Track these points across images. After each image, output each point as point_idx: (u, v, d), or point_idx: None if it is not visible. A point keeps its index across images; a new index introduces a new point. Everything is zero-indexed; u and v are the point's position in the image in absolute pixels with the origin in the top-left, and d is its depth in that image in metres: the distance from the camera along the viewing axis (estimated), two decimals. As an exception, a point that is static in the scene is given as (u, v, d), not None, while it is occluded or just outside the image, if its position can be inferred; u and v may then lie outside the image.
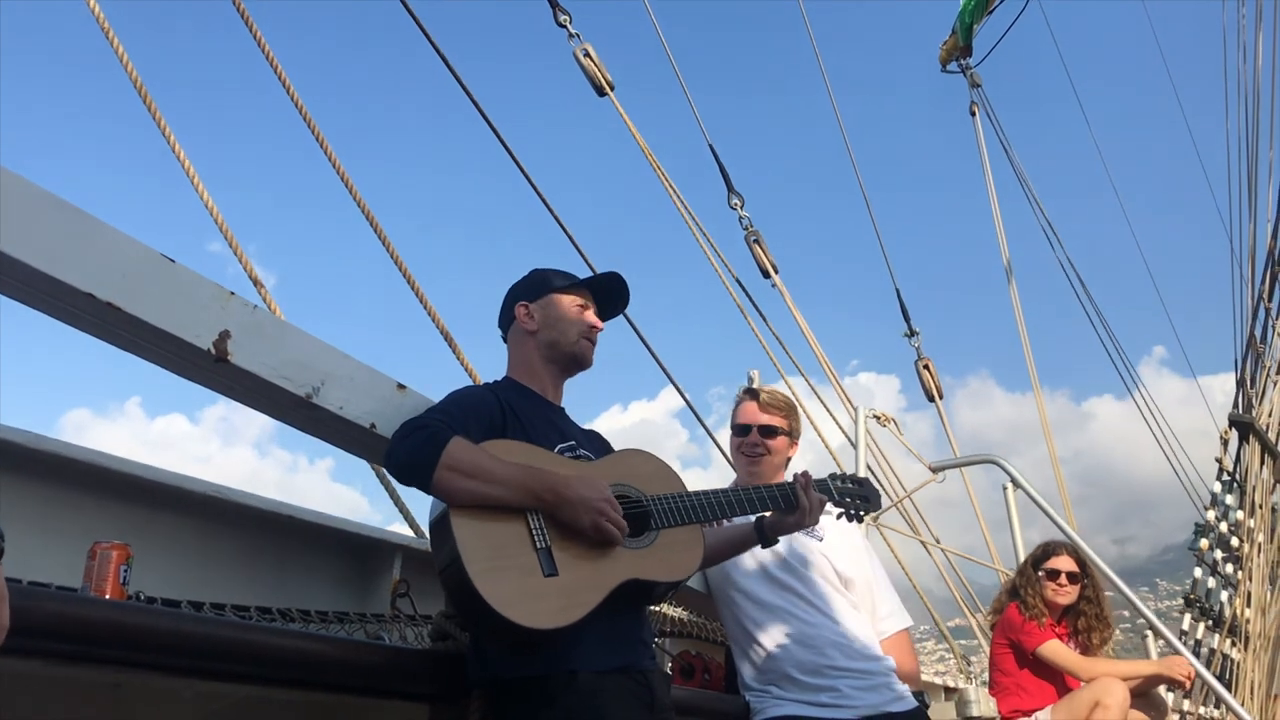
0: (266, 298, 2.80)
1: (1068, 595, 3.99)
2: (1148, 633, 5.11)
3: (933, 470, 4.98)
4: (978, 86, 8.28)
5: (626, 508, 1.92)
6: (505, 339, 2.28)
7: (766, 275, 5.77)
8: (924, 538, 5.52)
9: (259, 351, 1.84)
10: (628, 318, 4.01)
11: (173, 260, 1.71)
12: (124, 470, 2.13)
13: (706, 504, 2.09)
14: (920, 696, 2.82)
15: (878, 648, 2.80)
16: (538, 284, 2.24)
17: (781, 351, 5.52)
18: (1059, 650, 3.89)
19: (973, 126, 8.17)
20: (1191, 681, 4.00)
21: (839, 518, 2.47)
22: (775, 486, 2.30)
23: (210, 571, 2.32)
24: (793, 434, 2.91)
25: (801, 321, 5.75)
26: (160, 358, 1.79)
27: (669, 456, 2.15)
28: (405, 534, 2.79)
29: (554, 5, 4.69)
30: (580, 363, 2.23)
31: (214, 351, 1.75)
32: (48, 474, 2.03)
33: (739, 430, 2.92)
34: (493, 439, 1.94)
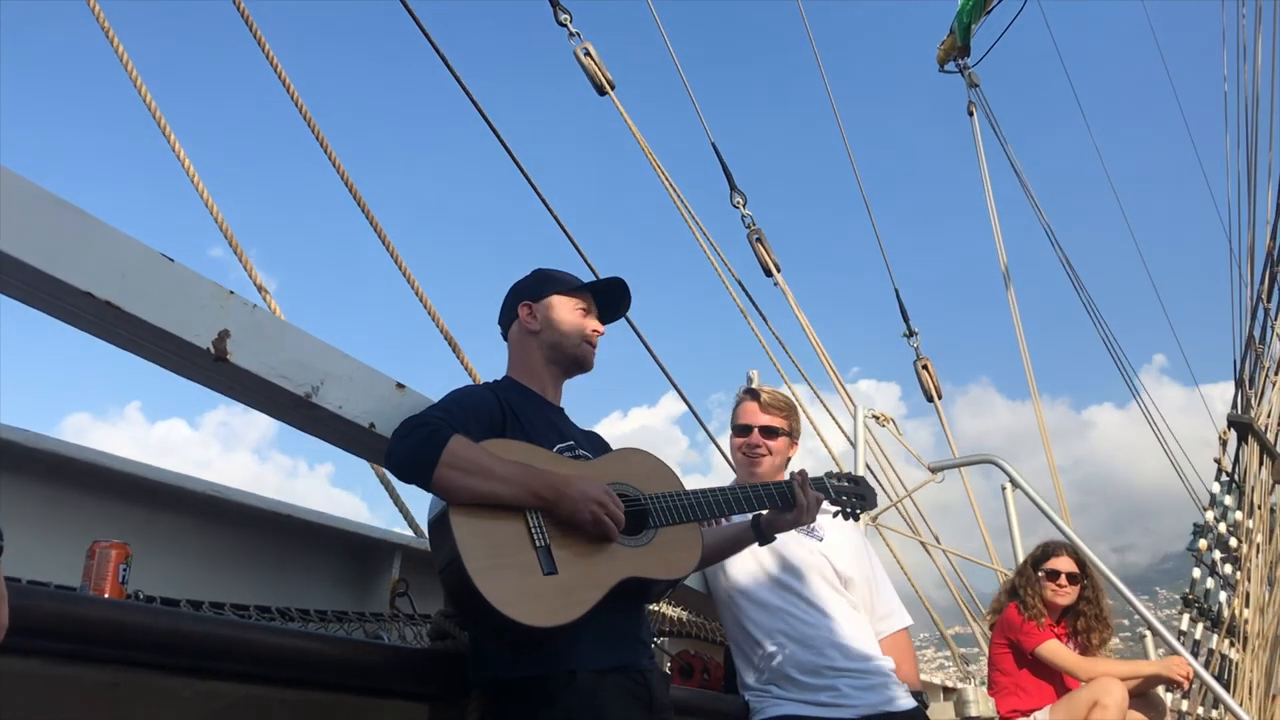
0: (270, 303, 2.79)
1: (1067, 596, 4.00)
2: (1146, 633, 5.11)
3: (931, 470, 4.99)
4: (976, 86, 8.26)
5: (625, 505, 1.92)
6: (505, 337, 2.28)
7: (769, 274, 5.76)
8: (924, 538, 5.52)
9: (258, 351, 1.83)
10: (631, 323, 4.01)
11: (172, 259, 1.71)
12: (123, 469, 2.14)
13: (704, 502, 2.09)
14: (919, 696, 2.82)
15: (877, 648, 2.81)
16: (542, 285, 2.25)
17: (783, 354, 5.50)
18: (1058, 650, 3.89)
19: (970, 127, 8.16)
20: (1190, 682, 4.01)
21: (835, 516, 2.48)
22: (772, 485, 2.31)
23: (209, 571, 2.32)
24: (793, 434, 2.91)
25: (804, 321, 5.72)
26: (159, 357, 1.79)
27: (669, 463, 2.16)
28: (404, 533, 2.79)
29: (554, 4, 4.69)
30: (581, 365, 2.23)
31: (213, 351, 1.75)
32: (47, 473, 2.03)
33: (739, 430, 2.92)
34: (492, 438, 1.94)
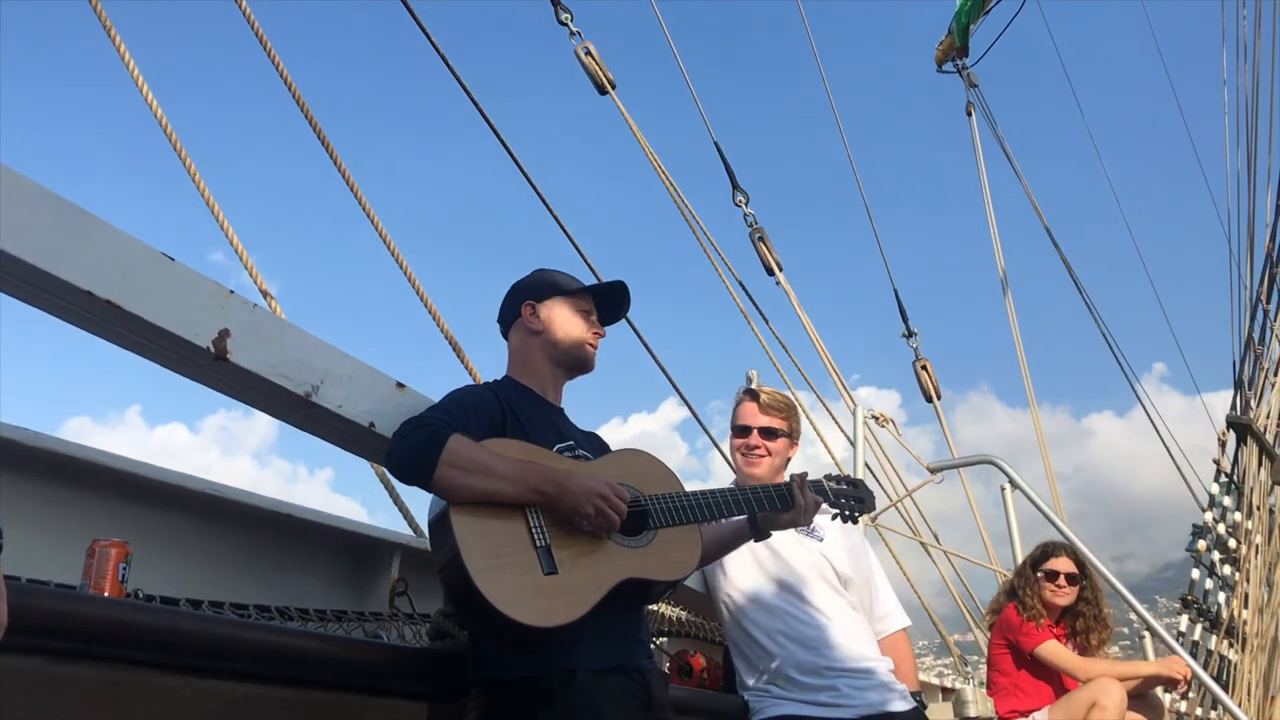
0: (274, 307, 2.78)
1: (1066, 596, 4.00)
2: (1145, 634, 5.11)
3: (931, 471, 4.99)
4: (974, 87, 8.25)
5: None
6: (505, 336, 2.28)
7: (770, 273, 5.75)
8: (923, 538, 5.52)
9: (258, 350, 1.83)
10: (633, 326, 4.01)
11: (172, 258, 1.71)
12: (123, 468, 2.14)
13: (704, 504, 2.10)
14: (918, 697, 2.83)
15: (876, 648, 2.81)
16: (546, 285, 2.25)
17: (785, 357, 5.48)
18: (1057, 651, 3.90)
19: (969, 127, 8.15)
20: (1188, 682, 4.01)
21: (834, 518, 2.48)
22: (771, 487, 2.31)
23: (209, 570, 2.32)
24: (792, 435, 2.91)
25: (805, 321, 5.71)
26: (159, 356, 1.79)
27: (668, 465, 2.15)
28: (404, 533, 2.79)
29: (555, 4, 4.68)
30: (582, 367, 2.24)
31: (213, 350, 1.75)
32: (47, 472, 2.03)
33: (738, 431, 2.92)
34: (492, 438, 1.94)
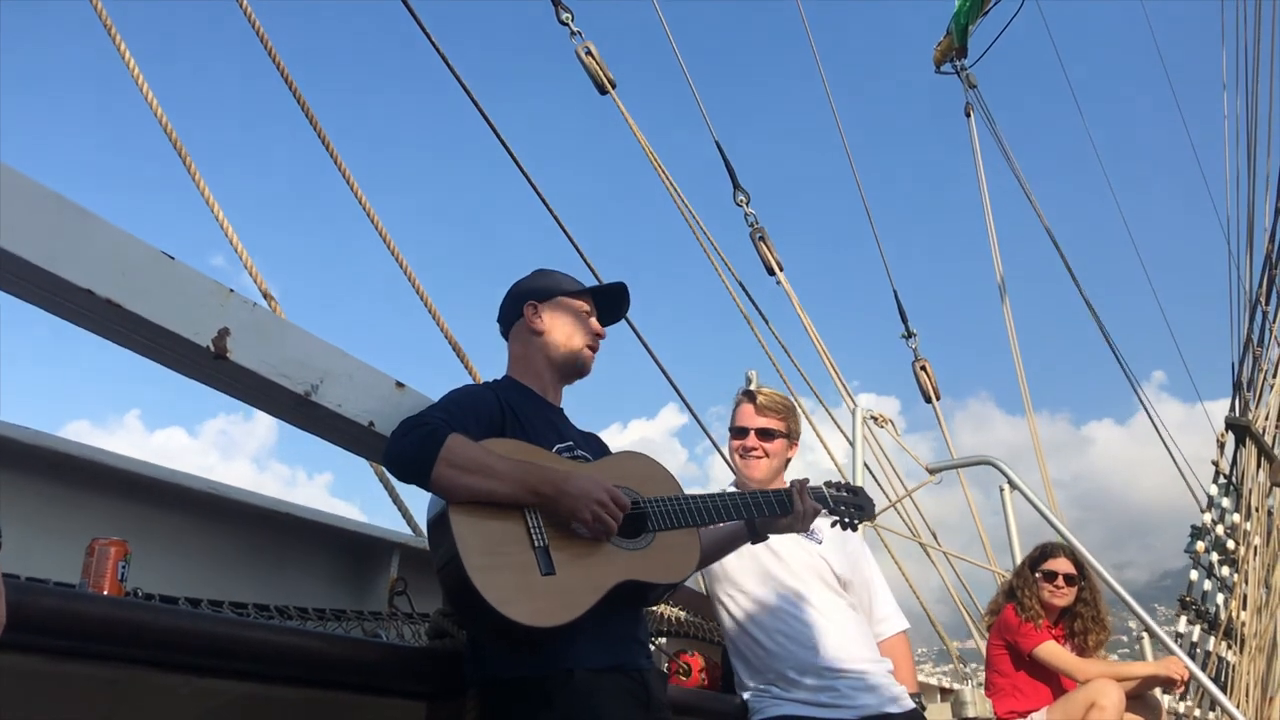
0: (277, 309, 2.77)
1: (1064, 597, 4.00)
2: (1144, 636, 5.11)
3: (930, 471, 4.99)
4: (974, 88, 8.24)
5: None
6: (506, 335, 2.28)
7: (771, 273, 5.75)
8: (923, 539, 5.52)
9: (258, 349, 1.84)
10: (637, 332, 4.01)
11: (172, 257, 1.71)
12: (122, 467, 2.14)
13: (703, 508, 2.10)
14: (917, 698, 2.83)
15: (875, 649, 2.81)
16: (547, 286, 2.25)
17: (786, 361, 5.46)
18: (1055, 652, 3.90)
19: (967, 129, 8.12)
20: (1186, 683, 4.01)
21: (833, 525, 2.47)
22: (771, 492, 2.31)
23: (208, 568, 2.32)
24: (791, 435, 2.91)
25: (806, 321, 5.69)
26: (159, 355, 1.79)
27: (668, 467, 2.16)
28: (403, 532, 2.79)
29: (556, 3, 4.68)
30: (582, 370, 2.25)
31: (213, 349, 1.75)
32: (47, 470, 2.03)
33: (736, 433, 2.92)
34: (491, 437, 1.94)
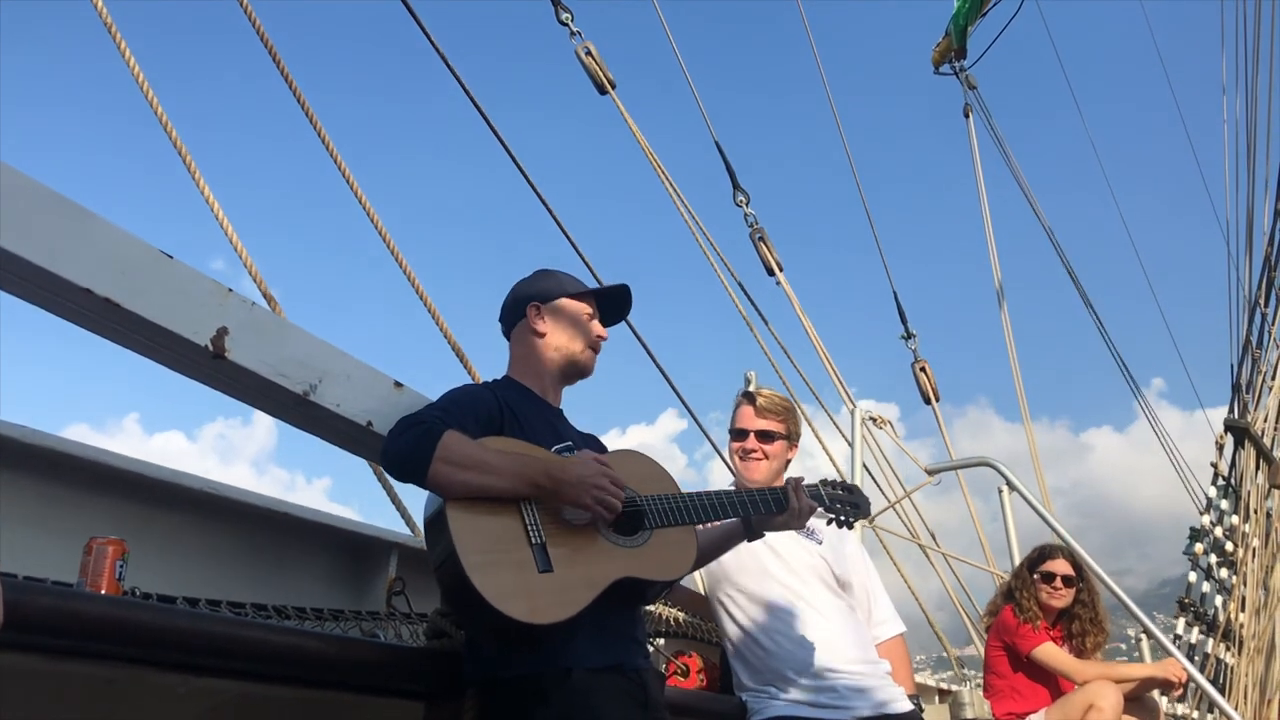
0: (279, 312, 2.77)
1: (1063, 599, 4.00)
2: (1141, 637, 5.12)
3: (928, 472, 4.99)
4: (973, 89, 8.22)
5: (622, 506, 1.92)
6: (507, 334, 2.28)
7: (771, 273, 5.74)
8: (922, 540, 5.52)
9: (256, 348, 1.84)
10: (637, 335, 4.00)
11: (171, 256, 1.71)
12: (121, 466, 2.13)
13: (699, 505, 2.10)
14: (915, 699, 2.83)
15: (874, 651, 2.82)
16: (550, 287, 2.25)
17: (785, 362, 5.45)
18: (1053, 653, 3.90)
19: (966, 130, 8.10)
20: (1184, 685, 4.01)
21: (829, 524, 2.47)
22: (768, 490, 2.31)
23: (206, 568, 2.31)
24: (790, 437, 2.91)
25: (805, 322, 5.69)
26: (157, 354, 1.79)
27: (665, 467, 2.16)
28: (401, 532, 2.79)
29: (556, 4, 4.68)
30: (583, 371, 2.25)
31: (211, 348, 1.75)
32: (45, 469, 2.02)
33: (736, 435, 2.92)
34: (490, 436, 1.94)
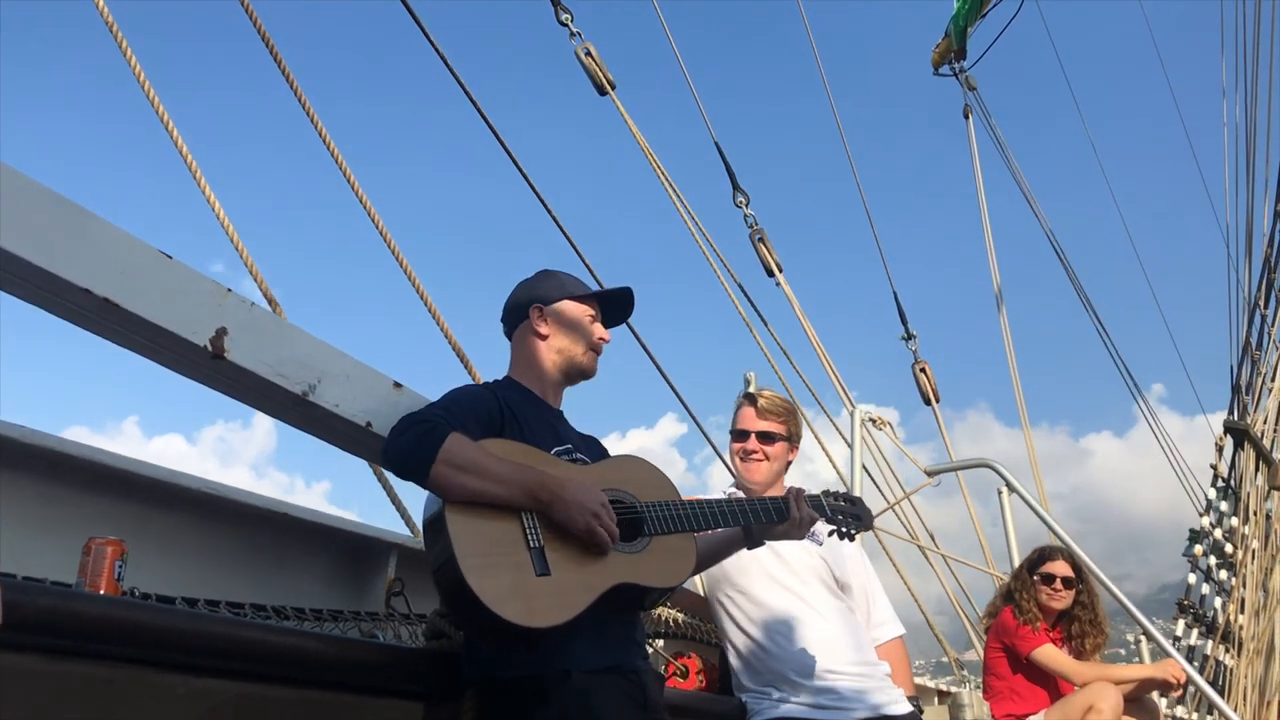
0: (281, 315, 2.76)
1: (1063, 600, 4.00)
2: (1141, 639, 5.11)
3: (928, 474, 4.99)
4: (973, 90, 8.21)
5: (620, 512, 1.93)
6: (509, 334, 2.28)
7: (771, 274, 5.74)
8: (921, 542, 5.52)
9: (255, 349, 1.83)
10: (639, 338, 4.00)
11: (170, 256, 1.71)
12: (120, 466, 2.13)
13: (699, 513, 2.10)
14: (914, 701, 2.83)
15: (874, 652, 2.82)
16: (554, 289, 2.26)
17: (785, 364, 5.45)
18: (1053, 655, 3.90)
19: (966, 131, 8.08)
20: (1184, 686, 4.01)
21: (830, 534, 2.46)
22: (769, 500, 2.31)
23: (205, 568, 2.31)
24: (791, 438, 2.91)
25: (805, 323, 5.68)
26: (157, 354, 1.79)
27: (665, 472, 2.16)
28: (400, 533, 2.79)
29: (555, 4, 4.67)
30: (585, 373, 2.25)
31: (210, 348, 1.75)
32: (44, 469, 2.02)
33: (737, 435, 2.92)
34: (490, 438, 1.94)
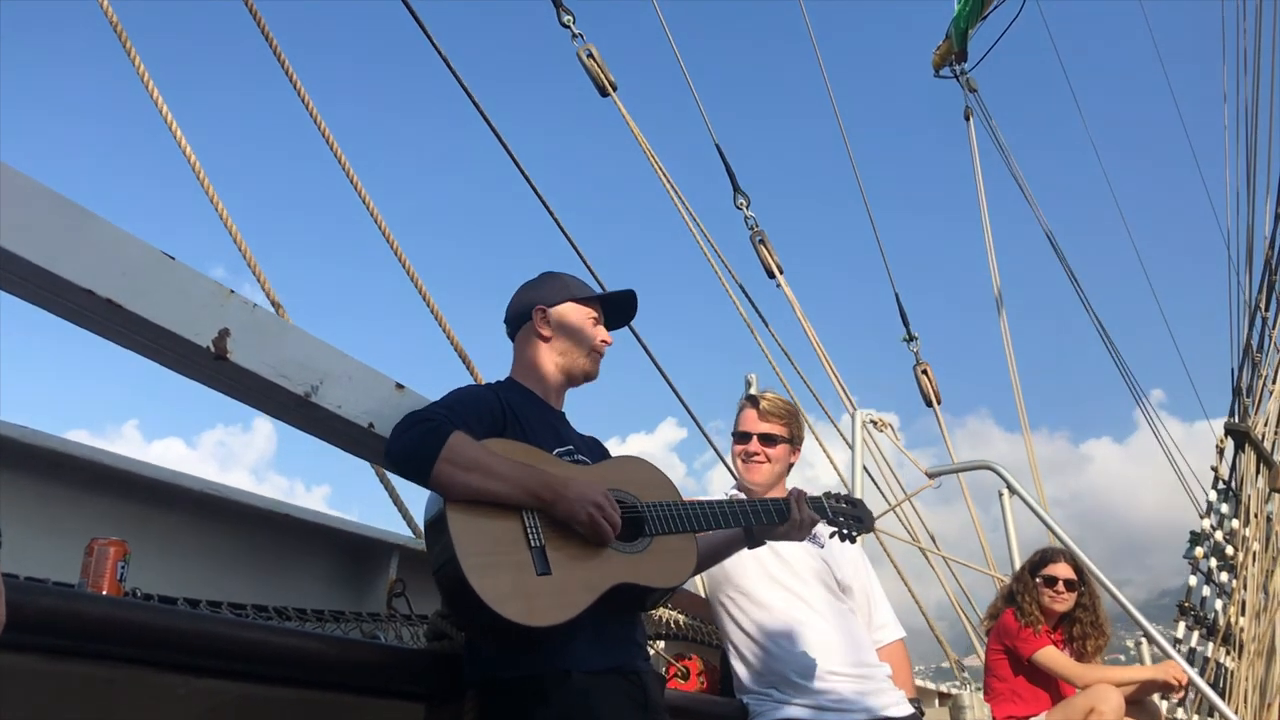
0: (285, 317, 2.77)
1: (1064, 602, 4.00)
2: (1141, 642, 5.11)
3: (929, 476, 4.99)
4: (974, 92, 8.21)
5: (622, 512, 1.93)
6: (511, 336, 2.29)
7: (771, 276, 5.74)
8: (922, 543, 5.52)
9: (258, 350, 1.84)
10: (640, 341, 4.01)
11: (173, 258, 1.72)
12: (122, 467, 2.13)
13: (700, 513, 2.10)
14: (915, 703, 2.83)
15: (875, 654, 2.82)
16: (557, 291, 2.26)
17: (787, 367, 5.45)
18: (1054, 657, 3.89)
19: (967, 133, 8.07)
20: (1185, 688, 4.01)
21: (831, 537, 2.46)
22: (770, 501, 2.31)
23: (207, 569, 2.32)
24: (793, 440, 2.92)
25: (805, 324, 5.68)
26: (159, 355, 1.80)
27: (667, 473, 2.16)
28: (402, 533, 2.79)
29: (557, 6, 4.68)
30: (587, 376, 2.26)
31: (213, 349, 1.76)
32: (47, 470, 2.03)
33: (739, 437, 2.92)
34: (492, 438, 1.95)
